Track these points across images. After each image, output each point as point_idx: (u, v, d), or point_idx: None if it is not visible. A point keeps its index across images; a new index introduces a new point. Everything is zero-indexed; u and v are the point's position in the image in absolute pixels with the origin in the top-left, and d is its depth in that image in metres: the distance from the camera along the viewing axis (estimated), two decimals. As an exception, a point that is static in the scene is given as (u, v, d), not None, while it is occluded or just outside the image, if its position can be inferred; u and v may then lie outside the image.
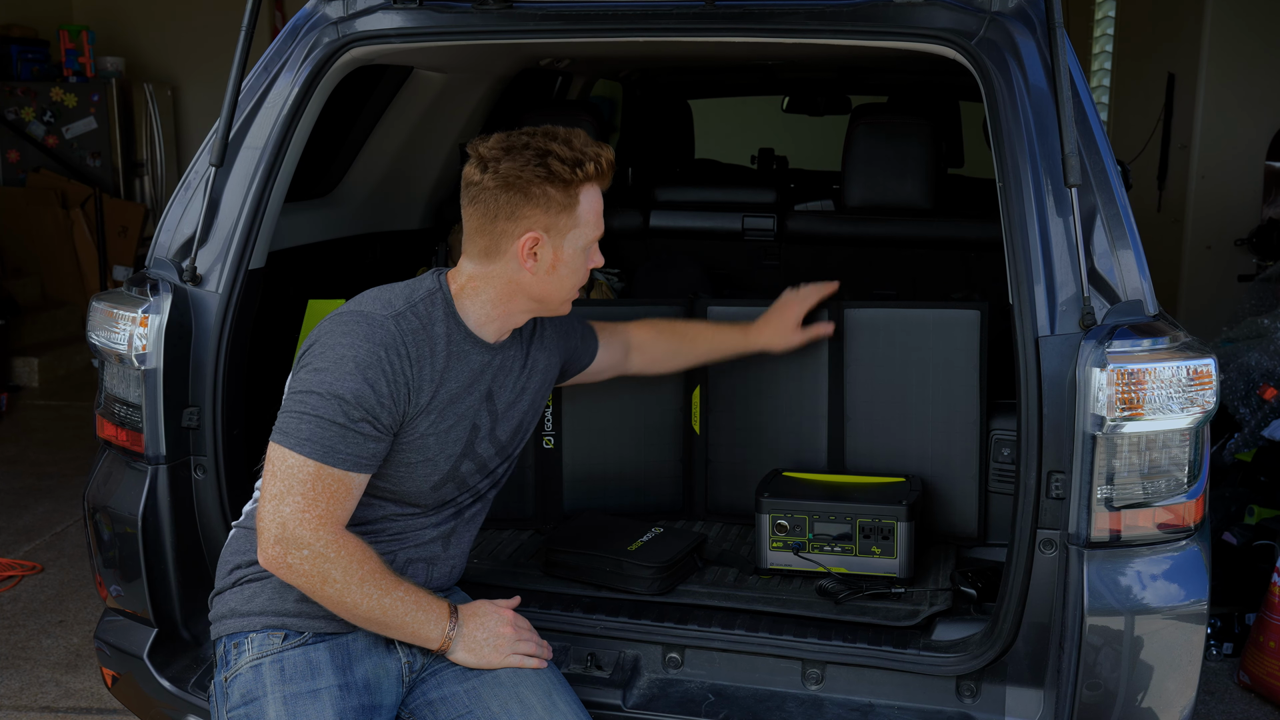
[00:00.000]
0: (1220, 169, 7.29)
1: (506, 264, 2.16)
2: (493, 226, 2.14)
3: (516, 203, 2.11)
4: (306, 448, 2.03)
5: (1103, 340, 2.12)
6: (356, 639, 2.16)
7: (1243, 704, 3.69)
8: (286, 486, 2.03)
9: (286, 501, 2.03)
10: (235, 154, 2.62)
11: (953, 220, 3.66)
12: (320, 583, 2.04)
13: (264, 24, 8.82)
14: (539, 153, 2.10)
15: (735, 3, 2.49)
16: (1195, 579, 2.21)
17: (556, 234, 2.14)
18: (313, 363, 2.07)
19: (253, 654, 2.13)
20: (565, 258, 2.17)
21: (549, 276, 2.17)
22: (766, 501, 2.75)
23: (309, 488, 2.03)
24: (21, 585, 4.52)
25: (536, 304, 2.23)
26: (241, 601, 2.16)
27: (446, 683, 2.23)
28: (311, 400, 2.04)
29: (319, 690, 2.09)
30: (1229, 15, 7.20)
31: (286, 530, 2.02)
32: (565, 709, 2.21)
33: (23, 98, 8.67)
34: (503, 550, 2.92)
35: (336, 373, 2.04)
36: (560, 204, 2.12)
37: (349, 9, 2.67)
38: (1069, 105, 2.19)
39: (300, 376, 2.08)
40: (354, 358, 2.05)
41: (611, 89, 6.07)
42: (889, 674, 2.40)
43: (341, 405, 2.03)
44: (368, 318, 2.10)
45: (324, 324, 2.13)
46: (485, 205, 2.13)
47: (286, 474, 2.03)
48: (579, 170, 2.11)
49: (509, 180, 2.10)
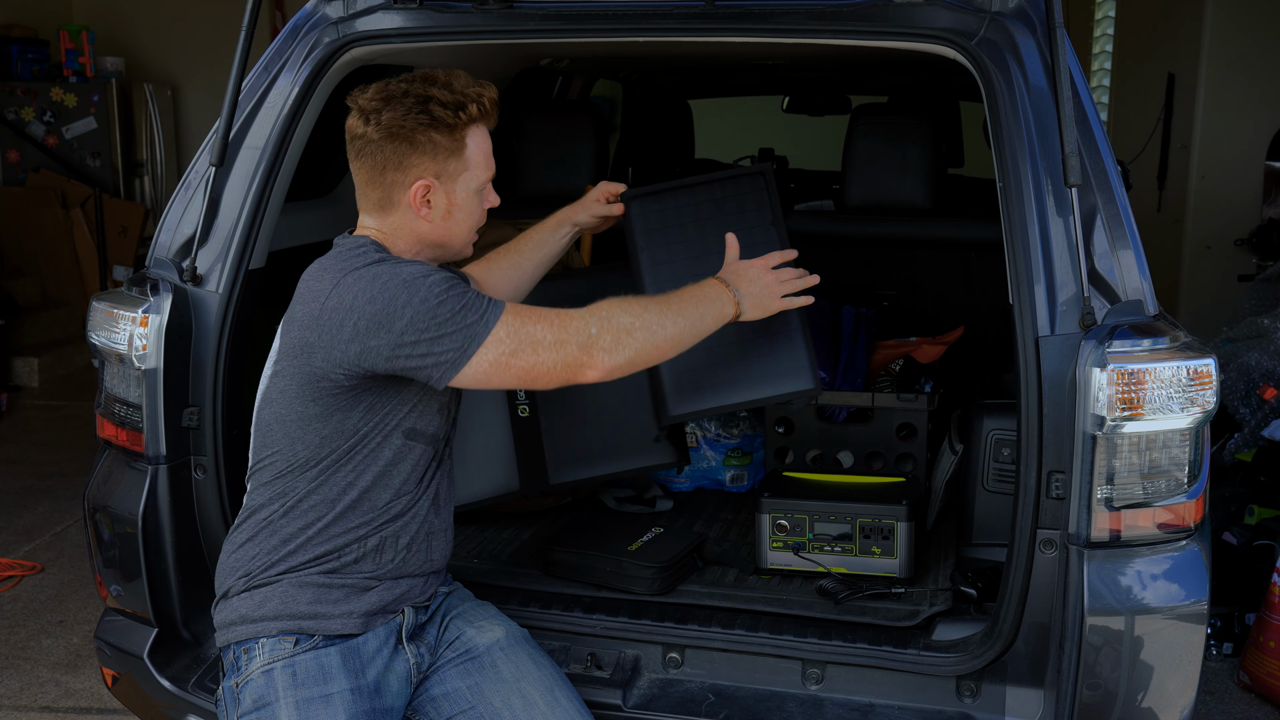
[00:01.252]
0: (1220, 169, 7.29)
1: (402, 215, 2.14)
2: (382, 178, 2.12)
3: (403, 152, 2.09)
4: (491, 316, 2.03)
5: (1103, 340, 2.12)
6: (367, 641, 2.16)
7: (1243, 704, 3.69)
8: (524, 337, 2.04)
9: (540, 338, 2.04)
10: (235, 154, 2.62)
11: (953, 220, 3.66)
12: (628, 336, 2.09)
13: (264, 24, 8.82)
14: (419, 99, 2.08)
15: (735, 3, 2.49)
16: (1195, 579, 2.21)
17: (447, 179, 2.13)
18: (394, 309, 1.99)
19: (264, 659, 2.11)
20: (459, 201, 2.15)
21: (445, 222, 2.16)
22: (767, 501, 2.75)
23: (528, 318, 2.05)
24: (21, 585, 4.52)
25: (439, 249, 2.21)
26: (252, 607, 2.14)
27: (449, 679, 2.24)
28: (442, 310, 2.00)
29: (331, 695, 2.09)
30: (1229, 15, 7.20)
31: (568, 344, 2.05)
32: (568, 704, 2.22)
33: (23, 98, 8.67)
34: (503, 550, 2.92)
35: (419, 288, 2.00)
36: (447, 149, 2.10)
37: (349, 9, 2.67)
38: (1069, 105, 2.19)
39: (400, 325, 1.99)
40: (407, 274, 2.02)
41: (611, 89, 6.07)
42: (889, 674, 2.40)
43: (452, 287, 2.02)
44: (375, 264, 2.06)
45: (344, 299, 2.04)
46: (372, 157, 2.11)
47: (511, 337, 2.03)
48: (462, 113, 2.09)
49: (392, 130, 2.07)
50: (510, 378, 2.07)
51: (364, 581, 2.16)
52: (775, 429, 3.21)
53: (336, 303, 2.04)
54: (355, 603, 2.15)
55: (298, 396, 2.11)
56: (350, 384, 2.08)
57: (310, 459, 2.12)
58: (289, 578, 2.14)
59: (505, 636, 2.30)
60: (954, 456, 2.93)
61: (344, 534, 2.14)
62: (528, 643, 2.33)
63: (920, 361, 3.33)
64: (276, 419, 2.15)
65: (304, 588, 2.13)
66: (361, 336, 2.02)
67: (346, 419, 2.10)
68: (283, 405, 2.14)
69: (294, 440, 2.13)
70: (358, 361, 2.04)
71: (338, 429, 2.11)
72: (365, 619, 2.15)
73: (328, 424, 2.10)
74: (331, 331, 2.04)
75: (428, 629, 2.28)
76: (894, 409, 3.10)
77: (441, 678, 2.24)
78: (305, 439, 2.12)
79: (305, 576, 2.13)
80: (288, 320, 2.15)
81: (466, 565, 2.80)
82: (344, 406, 2.10)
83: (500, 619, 2.35)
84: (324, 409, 2.10)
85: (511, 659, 2.26)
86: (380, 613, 2.18)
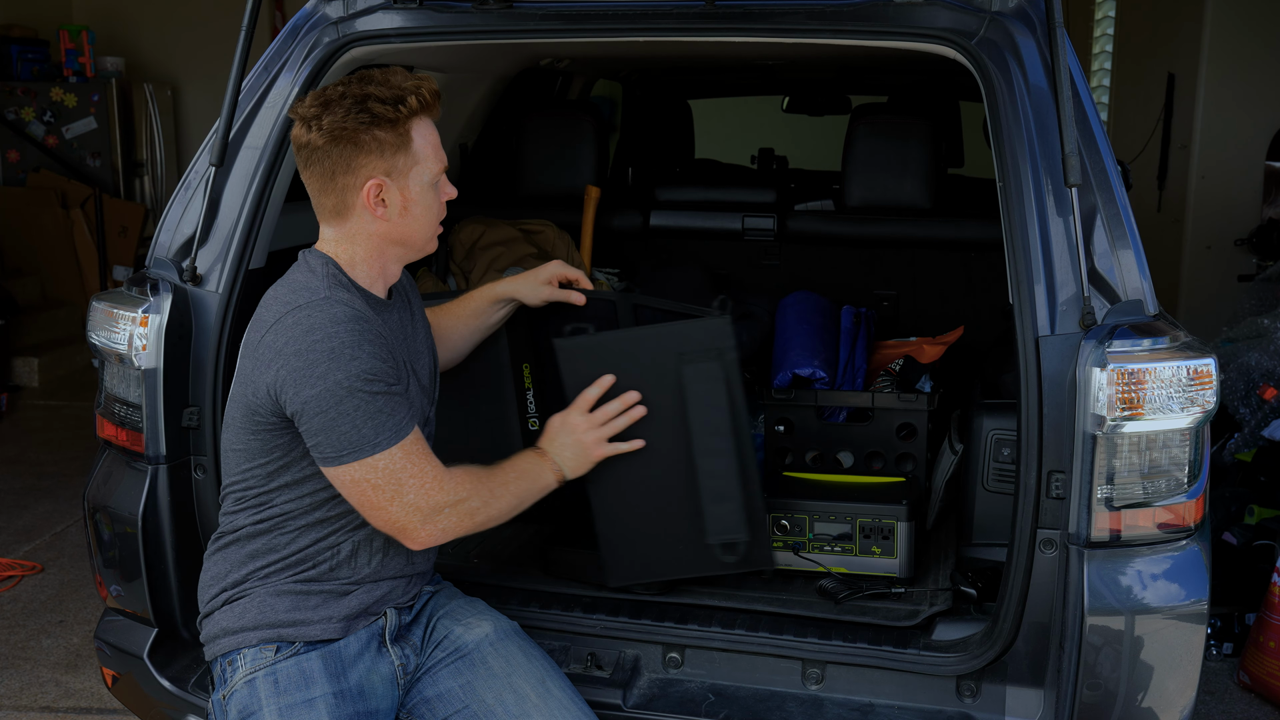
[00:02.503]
0: (1220, 169, 7.29)
1: (359, 218, 2.12)
2: (333, 184, 2.10)
3: (349, 154, 2.06)
4: (384, 440, 2.01)
5: (1103, 340, 2.12)
6: (349, 645, 2.16)
7: (1243, 704, 3.69)
8: (395, 482, 2.03)
9: (405, 492, 2.04)
10: (235, 154, 2.62)
11: (953, 220, 3.66)
12: (470, 521, 2.12)
13: (264, 24, 8.82)
14: (357, 99, 2.06)
15: (735, 3, 2.49)
16: (1195, 579, 2.21)
17: (398, 175, 2.10)
18: (309, 377, 1.98)
19: (246, 669, 2.12)
20: (414, 196, 2.13)
21: (403, 219, 2.13)
22: (767, 501, 2.75)
23: (411, 466, 2.04)
24: (21, 585, 4.52)
25: (403, 248, 2.18)
26: (232, 619, 2.15)
27: (441, 680, 2.24)
28: (348, 403, 1.98)
29: (314, 699, 2.09)
30: (1229, 15, 7.20)
31: (423, 511, 2.06)
32: (560, 694, 2.22)
33: (23, 98, 8.66)
34: (503, 550, 2.92)
35: (339, 365, 1.98)
36: (393, 145, 2.08)
37: (349, 9, 2.67)
38: (1069, 105, 2.19)
39: (308, 395, 1.98)
40: (339, 342, 1.99)
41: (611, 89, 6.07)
42: (889, 674, 2.40)
43: (370, 382, 2.00)
44: (321, 303, 2.04)
45: (277, 340, 2.02)
46: (320, 164, 2.09)
47: (387, 474, 2.03)
48: (402, 106, 2.07)
49: (335, 134, 2.05)
50: (354, 500, 2.06)
51: (341, 586, 2.16)
52: (775, 429, 3.21)
53: (272, 341, 2.04)
54: (334, 607, 2.15)
55: (243, 427, 2.11)
56: (278, 421, 2.07)
57: (264, 492, 2.13)
58: (263, 586, 2.14)
59: (494, 631, 2.30)
60: (954, 456, 2.93)
61: (314, 544, 2.14)
62: (517, 635, 2.32)
63: (920, 361, 3.33)
64: (229, 446, 2.16)
65: (280, 595, 2.13)
66: (281, 384, 2.01)
67: (289, 454, 2.10)
68: (232, 433, 2.14)
69: (246, 473, 2.14)
70: (273, 401, 2.04)
71: (282, 464, 2.10)
72: (346, 623, 2.15)
73: (270, 458, 2.10)
74: (262, 367, 2.04)
75: (413, 630, 2.27)
76: (894, 409, 3.10)
77: (434, 679, 2.24)
78: (254, 472, 2.13)
79: (281, 584, 2.14)
80: (243, 344, 2.14)
81: (466, 565, 2.80)
82: (284, 444, 2.09)
83: (488, 613, 2.35)
84: (264, 443, 2.09)
85: (501, 653, 2.26)
86: (361, 616, 2.17)
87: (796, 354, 3.25)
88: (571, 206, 3.69)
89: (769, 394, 3.17)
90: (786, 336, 3.36)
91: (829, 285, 3.71)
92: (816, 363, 3.21)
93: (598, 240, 3.73)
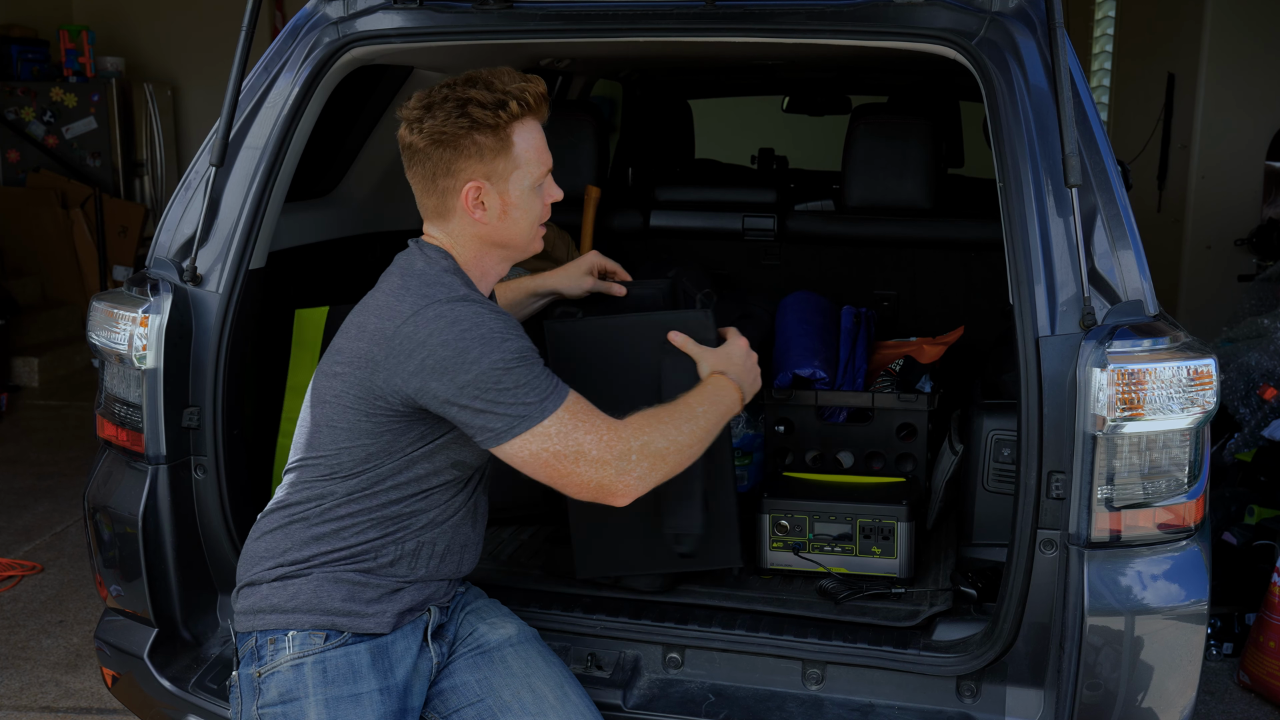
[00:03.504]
0: (1220, 169, 7.29)
1: (460, 220, 2.14)
2: (435, 185, 2.12)
3: (449, 158, 2.08)
4: (550, 404, 2.02)
5: (1103, 340, 2.12)
6: (395, 641, 2.15)
7: (1243, 704, 3.69)
8: (572, 443, 2.02)
9: (586, 449, 2.03)
10: (235, 154, 2.62)
11: (953, 220, 3.66)
12: (664, 463, 2.09)
13: (264, 24, 8.83)
14: (459, 103, 2.07)
15: (735, 3, 2.49)
16: (1195, 579, 2.21)
17: (498, 179, 2.11)
18: (463, 363, 1.99)
19: (293, 652, 2.10)
20: (514, 200, 2.14)
21: (503, 222, 2.14)
22: (767, 501, 2.75)
23: (583, 422, 2.04)
24: (21, 585, 4.52)
25: (505, 250, 2.20)
26: (285, 598, 2.12)
27: (458, 672, 2.24)
28: (508, 379, 1.99)
29: (360, 694, 2.09)
30: (1229, 15, 7.20)
31: (612, 464, 2.03)
32: (578, 701, 2.23)
33: (23, 98, 8.66)
34: (503, 550, 2.92)
35: (493, 348, 2.00)
36: (493, 149, 2.09)
37: (349, 9, 2.66)
38: (1069, 105, 2.19)
39: (464, 380, 1.99)
40: (488, 329, 2.02)
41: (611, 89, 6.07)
42: (889, 674, 2.40)
43: (524, 358, 2.01)
44: (460, 301, 2.06)
45: (419, 332, 2.02)
46: (422, 165, 2.11)
47: (560, 437, 2.02)
48: (503, 112, 2.08)
49: (436, 137, 2.07)
50: (543, 475, 2.06)
51: (397, 583, 2.16)
52: (775, 429, 3.21)
53: (412, 330, 2.03)
54: (389, 602, 2.14)
55: (353, 407, 2.09)
56: (406, 411, 2.07)
57: (355, 471, 2.11)
58: (322, 571, 2.12)
59: (517, 634, 2.31)
60: (954, 456, 2.93)
61: (383, 536, 2.14)
62: (538, 641, 2.34)
63: (920, 361, 3.33)
64: (327, 422, 2.13)
65: (338, 583, 2.12)
66: (425, 375, 2.01)
67: (396, 441, 2.10)
68: (336, 410, 2.12)
69: (341, 450, 2.12)
70: (415, 397, 2.04)
71: (386, 449, 2.10)
72: (397, 618, 2.15)
73: (377, 441, 2.10)
74: (400, 358, 2.03)
75: (447, 628, 2.29)
76: (894, 409, 3.10)
77: (451, 670, 2.25)
78: (353, 451, 2.11)
79: (340, 572, 2.12)
80: (359, 326, 2.12)
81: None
82: (396, 430, 2.09)
83: (511, 617, 2.37)
84: (376, 426, 2.09)
85: (522, 655, 2.27)
86: (410, 611, 2.18)
87: (797, 354, 3.25)
88: (571, 206, 3.68)
89: (769, 394, 3.17)
90: (786, 336, 3.36)
91: (829, 285, 3.71)
92: (817, 363, 3.21)
93: (598, 240, 3.73)
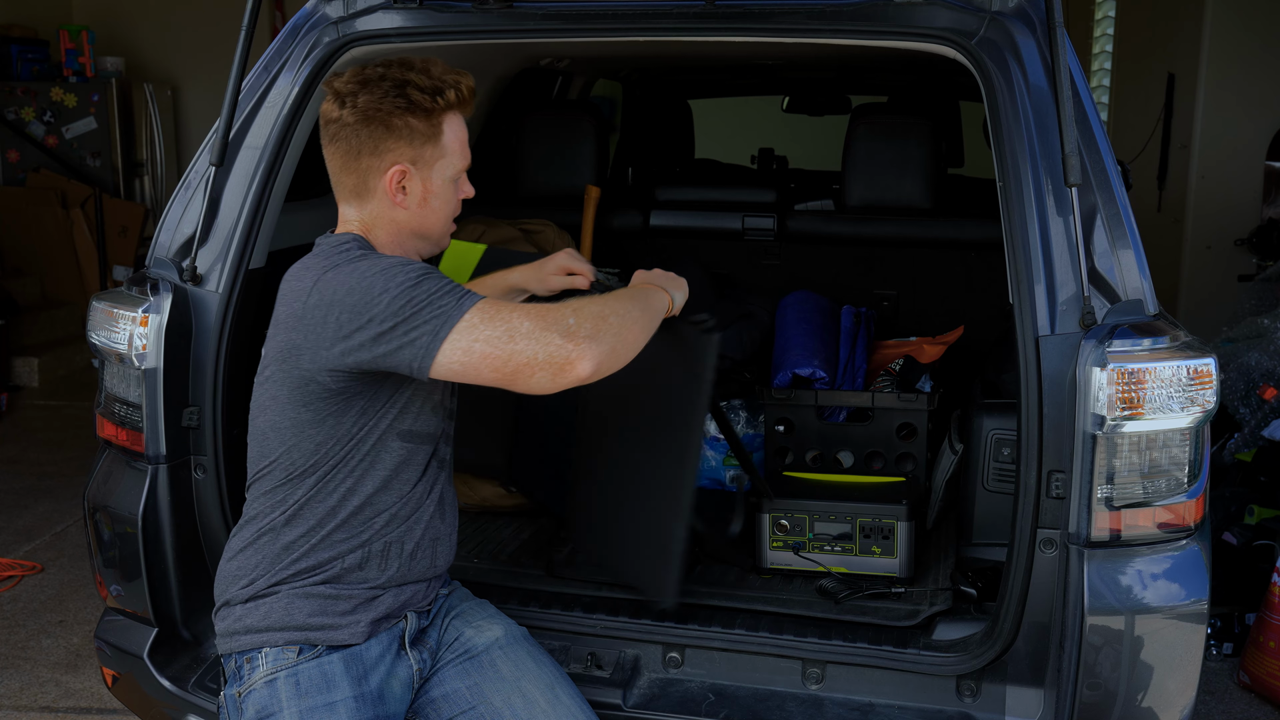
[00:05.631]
0: (1220, 169, 7.29)
1: (379, 202, 2.11)
2: (357, 163, 2.09)
3: (379, 136, 2.05)
4: (467, 302, 1.94)
5: (1103, 340, 2.12)
6: (370, 648, 2.15)
7: (1243, 704, 3.69)
8: (502, 325, 1.92)
9: (519, 324, 1.92)
10: (235, 154, 2.62)
11: (953, 220, 3.66)
12: (603, 322, 1.98)
13: (264, 24, 8.82)
14: (397, 83, 2.05)
15: (735, 3, 2.49)
16: (1195, 579, 2.21)
17: (423, 165, 2.10)
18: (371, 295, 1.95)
19: (267, 669, 2.10)
20: (435, 189, 2.12)
21: (422, 210, 2.13)
22: (767, 501, 2.75)
23: (503, 309, 1.95)
24: (21, 585, 4.52)
25: (420, 240, 2.18)
26: (258, 618, 2.12)
27: (449, 679, 2.23)
28: (420, 289, 1.94)
29: (335, 703, 2.08)
30: (1229, 15, 7.20)
31: (550, 331, 1.92)
32: (569, 701, 2.22)
33: (23, 98, 8.67)
34: (503, 550, 2.92)
35: (396, 274, 1.95)
36: (424, 135, 2.07)
37: (349, 9, 2.67)
38: (1069, 105, 2.19)
39: (377, 310, 1.94)
40: (385, 264, 1.98)
41: (611, 89, 6.07)
42: (889, 674, 2.40)
43: (429, 273, 1.97)
44: (358, 259, 2.03)
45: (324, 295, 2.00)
46: (347, 142, 2.07)
47: (488, 323, 1.92)
48: (440, 98, 2.06)
49: (368, 114, 2.04)
50: (488, 368, 1.94)
51: (368, 591, 2.14)
52: (775, 428, 3.21)
53: (318, 299, 2.01)
54: (363, 612, 2.13)
55: (289, 401, 2.08)
56: (339, 386, 2.04)
57: (308, 466, 2.10)
58: (291, 587, 2.12)
59: (504, 635, 2.30)
60: (954, 456, 2.93)
61: (348, 539, 2.12)
62: (527, 641, 2.32)
63: (920, 361, 3.33)
64: (271, 427, 2.12)
65: (308, 598, 2.11)
66: (344, 331, 1.97)
67: (340, 423, 2.07)
68: (275, 412, 2.11)
69: (290, 448, 2.11)
70: (342, 359, 1.99)
71: (331, 434, 2.08)
72: (371, 626, 2.14)
73: (321, 429, 2.08)
74: (316, 329, 2.00)
75: (429, 633, 2.27)
76: (894, 409, 3.10)
77: (441, 679, 2.24)
78: (301, 445, 2.10)
79: (308, 587, 2.12)
80: (273, 324, 2.12)
81: (466, 565, 2.80)
82: (336, 411, 2.07)
83: (499, 618, 2.35)
84: (316, 414, 2.07)
85: (511, 658, 2.26)
86: (385, 619, 2.17)
87: (796, 354, 3.25)
88: (571, 206, 3.69)
89: (769, 394, 3.17)
90: (786, 336, 3.36)
91: (829, 285, 3.71)
92: (816, 362, 3.22)
93: (598, 240, 3.73)
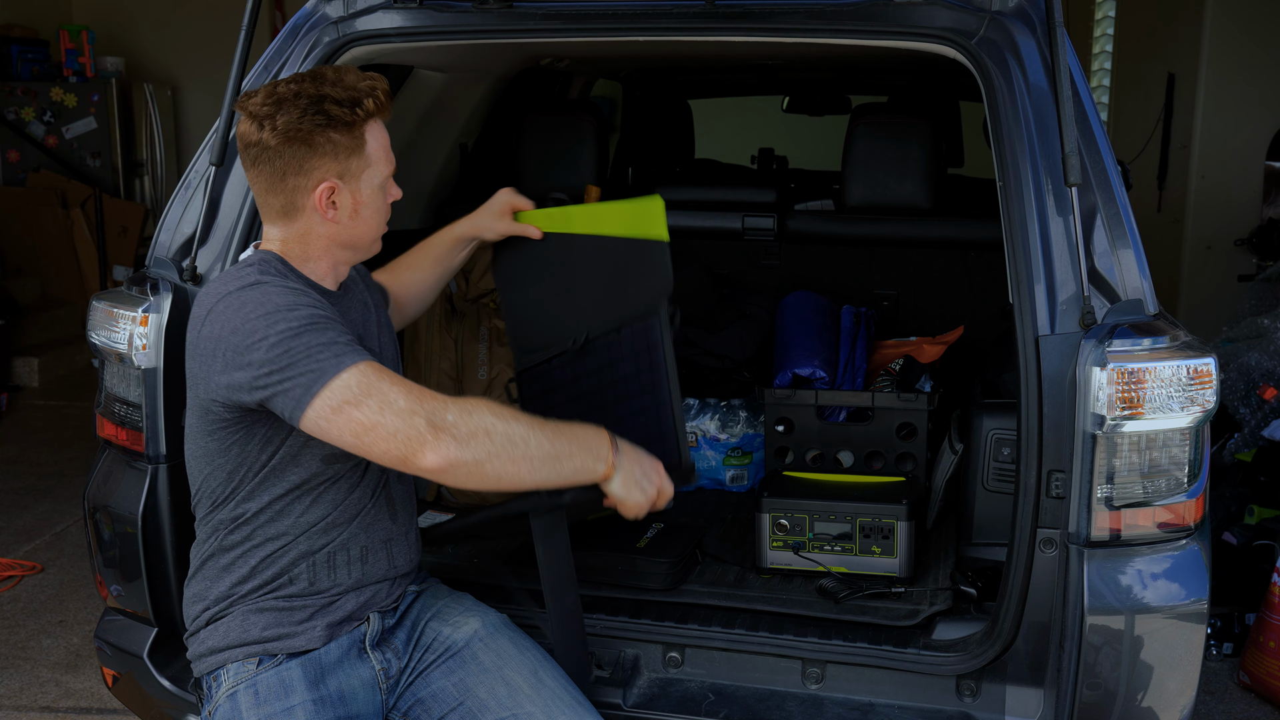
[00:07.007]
0: (1220, 169, 7.29)
1: (308, 219, 2.08)
2: (283, 184, 2.05)
3: (302, 155, 2.02)
4: (347, 357, 1.90)
5: (1103, 339, 2.12)
6: (329, 651, 2.14)
7: (1243, 704, 3.69)
8: (376, 392, 1.87)
9: (392, 399, 1.87)
10: (235, 154, 2.62)
11: (953, 220, 3.66)
12: (486, 438, 1.89)
13: (264, 24, 8.82)
14: (313, 99, 2.00)
15: (735, 3, 2.49)
16: (1195, 578, 2.21)
17: (351, 178, 2.07)
18: (251, 342, 1.91)
19: (229, 684, 2.11)
20: (365, 199, 2.10)
21: (353, 221, 2.10)
22: (767, 500, 2.75)
23: (386, 378, 1.90)
24: (21, 585, 4.52)
25: (350, 251, 2.16)
26: (218, 639, 2.14)
27: (434, 680, 2.23)
28: (298, 342, 1.89)
29: (293, 707, 2.08)
30: (1229, 15, 7.20)
31: (418, 415, 1.86)
32: (552, 684, 2.20)
33: (23, 98, 8.67)
34: (502, 550, 2.92)
35: (279, 319, 1.91)
36: (347, 148, 2.04)
37: (349, 9, 2.67)
38: (1069, 105, 2.19)
39: (256, 358, 1.91)
40: (273, 305, 1.93)
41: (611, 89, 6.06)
42: (889, 673, 2.40)
43: (315, 323, 1.93)
44: (249, 286, 1.97)
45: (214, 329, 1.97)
46: (270, 164, 2.03)
47: (363, 387, 1.87)
48: (359, 109, 2.03)
49: (289, 134, 2.00)
50: (348, 430, 1.88)
51: (324, 599, 2.14)
52: (775, 428, 3.21)
53: (209, 331, 1.98)
54: (319, 618, 2.13)
55: (199, 430, 2.08)
56: (233, 417, 2.01)
57: (226, 493, 2.10)
58: (243, 605, 2.13)
59: (482, 626, 2.28)
60: (954, 456, 2.93)
61: (286, 554, 2.11)
62: (507, 628, 2.31)
63: (920, 361, 3.33)
64: (191, 455, 2.14)
65: (262, 613, 2.12)
66: (229, 370, 1.94)
67: (244, 451, 2.05)
68: (191, 440, 2.12)
69: (207, 476, 2.11)
70: (228, 395, 1.96)
71: (239, 462, 2.06)
72: (329, 630, 2.14)
73: (228, 457, 2.06)
74: (206, 361, 1.99)
75: (396, 633, 2.25)
76: (894, 409, 3.11)
77: (427, 680, 2.23)
78: (215, 475, 2.10)
79: (261, 602, 2.12)
80: (186, 346, 2.10)
81: (466, 565, 2.80)
82: (239, 440, 2.04)
83: (476, 609, 2.33)
84: (221, 443, 2.05)
85: (492, 648, 2.25)
86: (344, 622, 2.16)
87: (796, 354, 3.25)
88: (571, 206, 3.69)
89: (769, 393, 3.17)
90: (786, 336, 3.36)
91: (829, 285, 3.71)
92: (816, 362, 3.22)
93: (598, 240, 3.73)
